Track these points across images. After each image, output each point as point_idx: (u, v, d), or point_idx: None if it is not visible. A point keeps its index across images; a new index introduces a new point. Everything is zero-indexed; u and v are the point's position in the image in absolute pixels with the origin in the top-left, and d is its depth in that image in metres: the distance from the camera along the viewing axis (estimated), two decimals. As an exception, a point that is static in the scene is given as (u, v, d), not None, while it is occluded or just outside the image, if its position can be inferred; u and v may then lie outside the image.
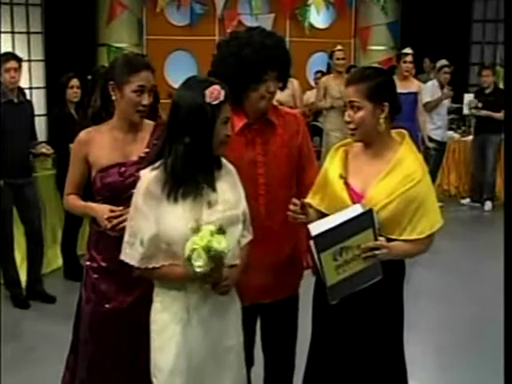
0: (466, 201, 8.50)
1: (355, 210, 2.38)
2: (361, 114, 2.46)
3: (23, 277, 5.13)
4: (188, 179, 2.26)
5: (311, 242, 2.35)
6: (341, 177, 2.50)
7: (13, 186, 4.82)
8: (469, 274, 5.83)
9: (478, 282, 5.59)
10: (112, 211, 2.62)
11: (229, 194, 2.34)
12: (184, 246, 2.18)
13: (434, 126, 7.95)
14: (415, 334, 2.73)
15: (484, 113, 7.95)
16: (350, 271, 2.39)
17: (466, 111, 8.52)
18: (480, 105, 7.95)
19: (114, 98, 2.68)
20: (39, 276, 5.15)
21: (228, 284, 2.31)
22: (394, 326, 2.57)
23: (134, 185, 2.63)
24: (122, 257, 2.35)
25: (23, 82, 7.15)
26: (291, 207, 2.46)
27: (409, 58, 7.16)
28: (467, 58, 11.31)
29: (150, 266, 2.29)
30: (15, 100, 4.79)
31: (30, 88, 9.02)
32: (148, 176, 2.29)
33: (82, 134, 2.77)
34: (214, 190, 2.31)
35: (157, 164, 2.30)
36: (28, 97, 6.08)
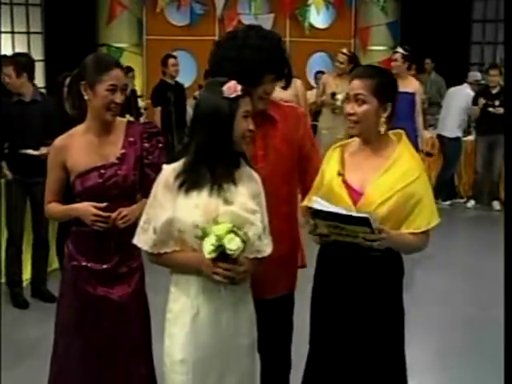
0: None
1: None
2: (365, 108, 2.45)
3: (24, 276, 5.13)
4: (200, 173, 2.33)
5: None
6: (339, 174, 2.49)
7: (24, 184, 4.82)
8: (469, 274, 5.83)
9: (479, 282, 5.60)
10: (95, 207, 2.69)
11: (245, 199, 2.35)
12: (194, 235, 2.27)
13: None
14: (415, 334, 2.73)
15: (502, 111, 7.80)
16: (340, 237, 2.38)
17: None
18: (497, 102, 7.89)
19: (86, 97, 2.71)
20: (45, 276, 5.15)
21: (245, 272, 2.33)
22: (393, 325, 2.57)
23: (115, 186, 2.71)
24: (135, 241, 2.44)
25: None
26: None
27: (394, 57, 7.17)
28: (467, 58, 11.30)
29: (162, 252, 2.38)
30: (26, 99, 4.81)
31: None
32: (168, 169, 2.39)
33: (57, 142, 2.81)
34: (232, 186, 2.35)
35: (180, 161, 2.39)
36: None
